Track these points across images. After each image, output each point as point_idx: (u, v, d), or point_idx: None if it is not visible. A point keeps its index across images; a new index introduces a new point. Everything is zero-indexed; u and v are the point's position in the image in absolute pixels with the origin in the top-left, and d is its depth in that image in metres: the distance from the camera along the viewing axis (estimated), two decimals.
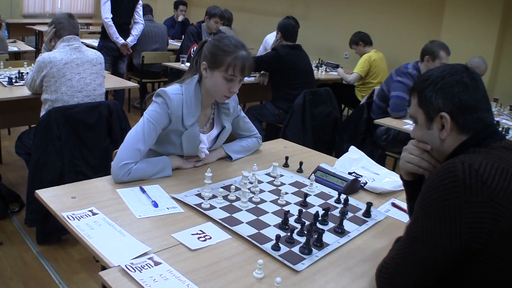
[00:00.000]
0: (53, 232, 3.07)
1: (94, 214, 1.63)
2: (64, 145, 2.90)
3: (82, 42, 3.02)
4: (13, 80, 3.54)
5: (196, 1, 9.83)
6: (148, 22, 6.30)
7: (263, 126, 4.97)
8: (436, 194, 1.18)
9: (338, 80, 6.06)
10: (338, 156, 4.41)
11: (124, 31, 5.54)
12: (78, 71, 3.04)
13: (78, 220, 1.58)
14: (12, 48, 5.54)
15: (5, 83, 3.53)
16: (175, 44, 7.25)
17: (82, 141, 2.98)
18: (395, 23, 6.64)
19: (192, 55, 2.47)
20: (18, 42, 6.50)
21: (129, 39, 5.59)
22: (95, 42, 6.75)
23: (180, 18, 7.76)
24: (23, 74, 3.73)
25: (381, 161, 4.03)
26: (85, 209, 1.65)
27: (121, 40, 5.46)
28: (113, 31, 5.35)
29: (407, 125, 3.65)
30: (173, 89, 2.02)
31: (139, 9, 5.67)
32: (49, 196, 1.74)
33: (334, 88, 5.46)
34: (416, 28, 6.39)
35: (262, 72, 4.71)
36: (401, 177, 1.55)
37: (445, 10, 5.86)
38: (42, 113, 3.04)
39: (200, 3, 9.56)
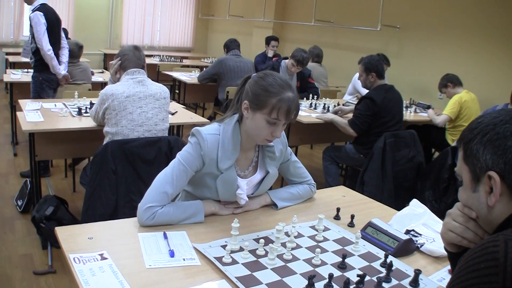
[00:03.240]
0: None
1: (103, 258, 1.50)
2: (119, 179, 2.83)
3: (171, 75, 2.85)
4: (82, 111, 3.60)
5: (288, 37, 9.75)
6: (234, 57, 6.28)
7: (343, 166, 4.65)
8: (468, 281, 0.90)
9: (428, 122, 5.67)
10: None
11: (58, 60, 5.06)
12: (139, 105, 2.99)
13: (84, 263, 1.46)
14: (97, 78, 5.67)
15: (74, 113, 3.60)
16: None
17: (139, 176, 2.91)
18: (490, 63, 6.12)
19: None
20: (106, 73, 6.51)
21: (62, 68, 5.09)
22: (183, 75, 6.86)
23: (270, 54, 7.69)
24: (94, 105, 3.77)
25: None
26: (95, 252, 1.52)
27: (62, 71, 5.03)
28: (55, 63, 4.89)
29: None
30: (209, 129, 1.87)
31: (63, 33, 5.24)
32: (66, 234, 1.64)
33: (424, 130, 5.11)
34: None
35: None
36: (445, 248, 1.25)
37: None
38: None
39: (292, 39, 9.50)
